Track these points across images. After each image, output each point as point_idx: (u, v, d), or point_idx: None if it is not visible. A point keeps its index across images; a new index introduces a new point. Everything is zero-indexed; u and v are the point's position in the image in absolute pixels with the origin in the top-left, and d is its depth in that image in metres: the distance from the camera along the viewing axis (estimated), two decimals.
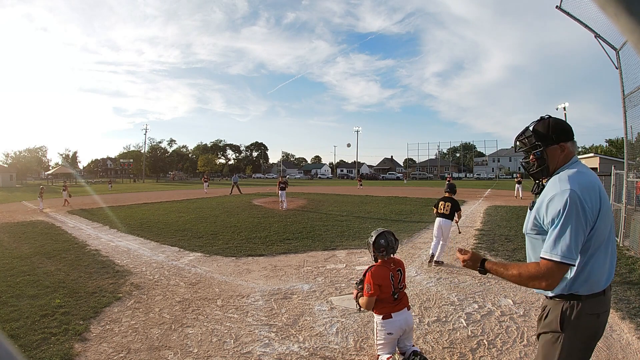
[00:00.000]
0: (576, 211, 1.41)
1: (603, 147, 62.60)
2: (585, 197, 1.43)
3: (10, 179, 47.40)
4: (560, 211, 1.43)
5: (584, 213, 1.41)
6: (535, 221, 1.56)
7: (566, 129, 1.59)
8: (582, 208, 1.41)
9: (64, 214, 13.41)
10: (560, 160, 1.58)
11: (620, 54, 7.46)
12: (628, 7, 0.35)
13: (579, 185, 1.45)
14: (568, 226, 1.40)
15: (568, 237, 1.40)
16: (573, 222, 1.40)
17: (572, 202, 1.41)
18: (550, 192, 1.51)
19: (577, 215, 1.40)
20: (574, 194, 1.42)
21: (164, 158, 70.42)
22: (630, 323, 3.50)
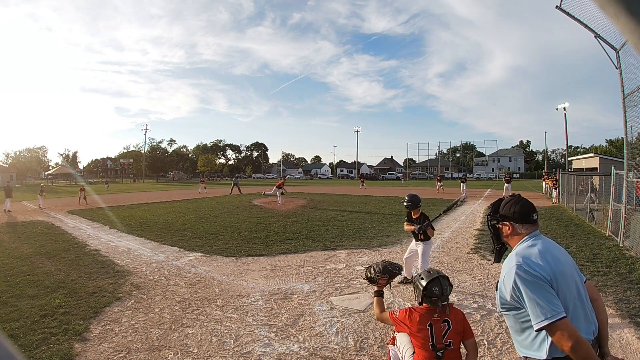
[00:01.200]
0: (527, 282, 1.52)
1: (603, 147, 62.66)
2: (529, 264, 1.55)
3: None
4: (515, 289, 1.56)
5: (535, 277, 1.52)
6: (501, 299, 1.67)
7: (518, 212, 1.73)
8: (531, 276, 1.52)
9: (64, 214, 13.41)
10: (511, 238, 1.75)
11: (620, 54, 7.47)
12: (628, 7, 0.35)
13: (523, 257, 1.59)
14: (531, 296, 1.51)
15: (537, 303, 1.49)
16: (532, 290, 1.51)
17: (519, 277, 1.54)
18: (504, 270, 1.66)
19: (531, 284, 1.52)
20: (519, 267, 1.55)
21: (164, 158, 70.41)
22: (630, 323, 3.50)
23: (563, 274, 1.58)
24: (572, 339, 1.45)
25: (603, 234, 8.23)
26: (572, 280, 1.61)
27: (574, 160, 31.48)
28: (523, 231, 1.71)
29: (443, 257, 6.32)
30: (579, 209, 12.31)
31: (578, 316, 1.56)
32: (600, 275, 5.07)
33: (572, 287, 1.59)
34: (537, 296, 1.49)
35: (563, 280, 1.56)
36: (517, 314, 1.63)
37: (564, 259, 1.64)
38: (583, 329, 1.54)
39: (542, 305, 1.48)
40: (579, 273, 1.69)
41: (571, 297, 1.57)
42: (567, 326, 1.46)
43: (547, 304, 1.48)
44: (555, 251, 1.66)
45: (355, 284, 4.86)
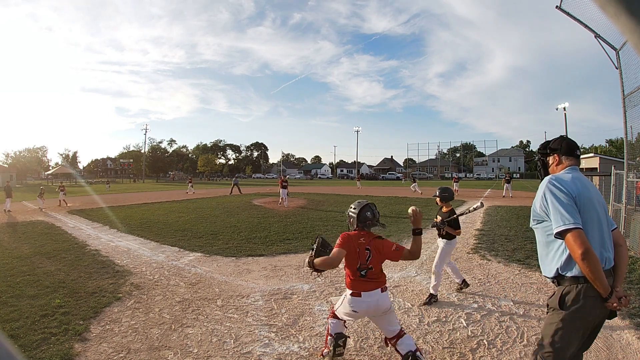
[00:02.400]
0: (554, 193, 1.76)
1: (603, 147, 62.64)
2: (560, 181, 1.79)
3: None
4: (544, 198, 1.80)
5: (562, 190, 1.75)
6: (533, 212, 1.91)
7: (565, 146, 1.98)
8: (558, 189, 1.76)
9: (64, 214, 13.41)
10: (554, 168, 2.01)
11: (620, 54, 7.46)
12: (628, 7, 0.35)
13: (556, 177, 1.85)
14: (555, 204, 1.73)
15: (558, 210, 1.71)
16: (556, 199, 1.74)
17: (548, 189, 1.79)
18: (540, 188, 1.90)
19: (557, 194, 1.75)
20: (549, 182, 1.81)
21: (164, 158, 70.40)
22: (630, 323, 3.50)
23: (589, 199, 1.76)
24: (583, 246, 1.60)
25: None
26: (595, 210, 1.78)
27: None
28: (567, 162, 1.95)
29: None
30: None
31: (594, 240, 1.70)
32: None
33: (594, 215, 1.76)
34: (561, 205, 1.70)
35: (587, 204, 1.75)
36: (544, 226, 1.84)
37: (594, 193, 1.83)
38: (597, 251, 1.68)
39: (562, 213, 1.68)
40: (607, 214, 1.86)
41: (591, 221, 1.74)
42: (581, 236, 1.63)
43: (568, 213, 1.67)
44: (588, 184, 1.85)
45: None
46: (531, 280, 4.95)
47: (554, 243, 1.78)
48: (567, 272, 1.74)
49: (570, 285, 1.73)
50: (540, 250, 1.92)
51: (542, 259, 1.93)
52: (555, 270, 1.78)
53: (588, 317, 1.72)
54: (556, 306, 1.75)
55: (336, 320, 2.84)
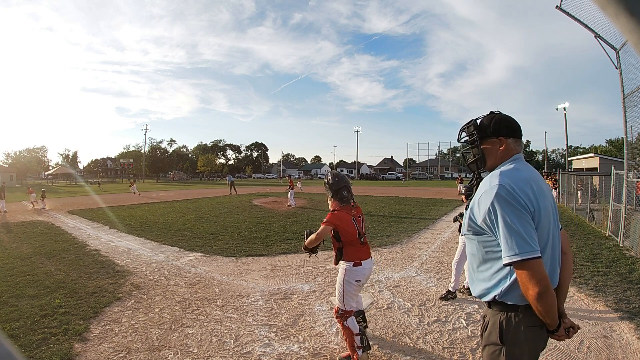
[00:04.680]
0: (508, 204, 1.30)
1: (603, 147, 62.63)
2: (515, 188, 1.32)
3: (10, 179, 47.38)
4: (491, 210, 1.33)
5: (518, 202, 1.30)
6: (470, 221, 1.45)
7: (510, 125, 1.50)
8: (514, 198, 1.30)
9: (64, 214, 13.41)
10: (499, 156, 1.50)
11: (620, 54, 7.46)
12: (628, 7, 0.35)
13: (510, 179, 1.35)
14: (508, 222, 1.28)
15: (513, 232, 1.27)
16: (510, 215, 1.29)
17: (500, 197, 1.31)
18: (482, 189, 1.42)
19: (512, 207, 1.30)
20: (501, 187, 1.32)
21: (164, 158, 70.38)
22: (631, 323, 3.50)
23: (546, 210, 1.36)
24: (541, 284, 1.25)
25: (603, 234, 8.23)
26: (549, 219, 1.39)
27: (574, 160, 31.48)
28: (515, 147, 1.47)
29: (443, 257, 6.32)
30: (579, 209, 12.31)
31: (546, 260, 1.35)
32: (600, 275, 5.07)
33: (547, 226, 1.38)
34: (517, 226, 1.27)
35: (544, 217, 1.36)
36: (484, 240, 1.41)
37: (548, 194, 1.43)
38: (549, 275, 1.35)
39: (520, 237, 1.26)
40: (555, 216, 1.47)
41: (546, 237, 1.37)
42: (540, 269, 1.27)
43: (526, 238, 1.26)
44: (541, 182, 1.44)
45: None
46: None
47: (495, 263, 1.39)
48: (508, 300, 1.38)
49: (509, 313, 1.39)
50: (472, 264, 1.47)
51: (474, 275, 1.52)
52: (492, 297, 1.42)
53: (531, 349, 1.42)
54: (496, 341, 1.41)
55: (349, 316, 2.87)
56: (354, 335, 2.81)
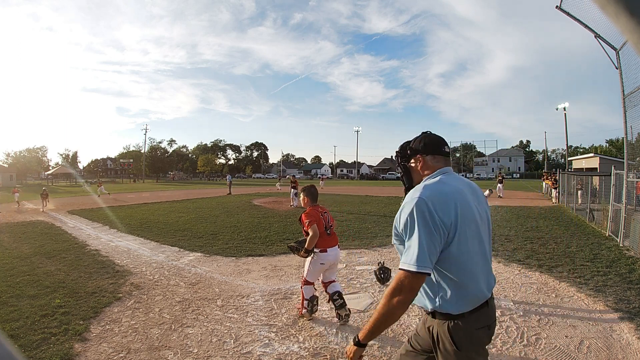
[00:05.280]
0: (423, 219, 1.36)
1: (603, 147, 62.65)
2: (435, 205, 1.38)
3: (10, 179, 47.38)
4: (408, 220, 1.40)
5: (433, 221, 1.36)
6: (395, 230, 1.52)
7: (429, 144, 1.61)
8: (430, 215, 1.36)
9: (64, 214, 13.41)
10: (420, 172, 1.61)
11: (620, 54, 7.47)
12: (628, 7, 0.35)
13: (430, 193, 1.42)
14: (417, 234, 1.36)
15: (417, 245, 1.35)
16: (422, 230, 1.36)
17: (418, 210, 1.37)
18: (406, 200, 1.49)
19: (425, 223, 1.36)
20: (421, 201, 1.39)
21: (164, 158, 70.39)
22: (631, 323, 3.50)
23: (467, 226, 1.43)
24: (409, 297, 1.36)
25: (603, 234, 8.23)
26: (478, 231, 1.47)
27: (574, 160, 31.48)
28: (434, 164, 1.58)
29: None
30: (579, 209, 12.31)
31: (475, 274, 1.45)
32: (600, 275, 5.07)
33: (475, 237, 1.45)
34: (424, 240, 1.34)
35: (469, 227, 1.43)
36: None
37: (475, 205, 1.50)
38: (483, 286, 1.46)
39: (422, 251, 1.33)
40: (489, 228, 1.57)
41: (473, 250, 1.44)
42: (418, 285, 1.37)
43: (427, 254, 1.34)
44: (467, 194, 1.50)
45: (355, 284, 4.86)
46: (531, 280, 4.95)
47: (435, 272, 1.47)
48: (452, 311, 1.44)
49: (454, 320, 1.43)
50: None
51: None
52: (432, 306, 1.48)
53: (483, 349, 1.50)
54: (452, 349, 1.43)
55: (308, 286, 3.66)
56: (304, 300, 3.66)
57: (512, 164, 79.68)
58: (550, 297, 4.29)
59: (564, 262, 5.81)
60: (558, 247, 6.90)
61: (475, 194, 1.56)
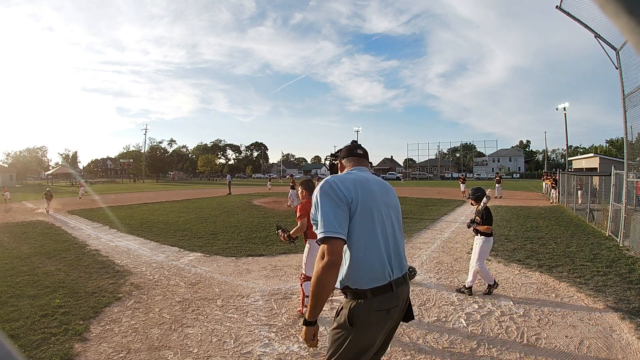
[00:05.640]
0: (327, 194, 1.57)
1: (603, 147, 62.65)
2: (337, 183, 1.61)
3: (10, 179, 47.37)
4: (316, 200, 1.59)
5: (336, 194, 1.56)
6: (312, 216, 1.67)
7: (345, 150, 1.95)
8: (332, 190, 1.57)
9: (64, 214, 13.40)
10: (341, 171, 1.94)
11: (620, 54, 7.47)
12: (628, 7, 0.35)
13: (334, 177, 1.67)
14: (324, 206, 1.54)
15: (324, 216, 1.52)
16: (327, 202, 1.55)
17: (322, 190, 1.59)
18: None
19: (329, 197, 1.56)
20: (324, 183, 1.61)
21: (164, 158, 70.37)
22: (630, 323, 3.50)
23: (367, 205, 1.60)
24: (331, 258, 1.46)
25: (603, 234, 8.23)
26: (380, 215, 1.64)
27: (574, 160, 31.49)
28: (349, 165, 1.90)
29: (443, 257, 6.32)
30: (579, 209, 12.31)
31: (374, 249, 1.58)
32: (600, 275, 5.07)
33: (377, 220, 1.62)
34: (329, 210, 1.53)
35: (368, 209, 1.60)
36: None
37: (380, 195, 1.69)
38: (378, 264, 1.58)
39: (328, 219, 1.50)
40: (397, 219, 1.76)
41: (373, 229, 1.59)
42: (337, 248, 1.48)
43: (333, 221, 1.50)
44: (373, 186, 1.69)
45: None
46: (531, 280, 4.95)
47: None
48: (351, 284, 1.57)
49: (359, 300, 1.56)
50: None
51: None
52: (339, 282, 1.60)
53: (379, 331, 1.58)
54: (345, 322, 1.57)
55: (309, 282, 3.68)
56: (305, 296, 3.74)
57: (512, 164, 79.66)
58: (550, 297, 4.29)
59: (564, 262, 5.81)
60: (558, 247, 6.90)
61: (385, 189, 1.77)
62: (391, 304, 1.58)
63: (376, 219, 1.62)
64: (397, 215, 1.77)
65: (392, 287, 1.59)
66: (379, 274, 1.57)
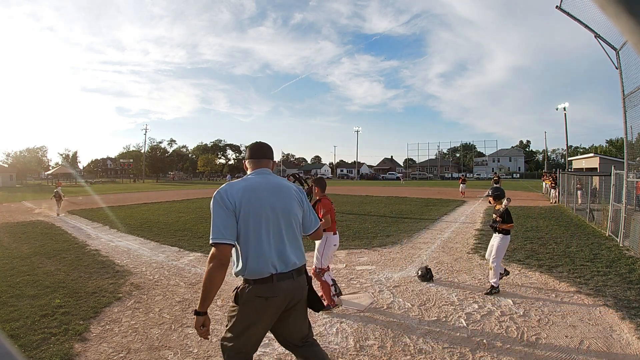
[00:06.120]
0: (217, 204, 1.83)
1: (603, 147, 62.66)
2: (226, 192, 1.86)
3: (10, 179, 47.39)
4: (211, 205, 1.86)
5: (224, 202, 1.83)
6: None
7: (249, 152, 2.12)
8: (221, 199, 1.83)
9: (64, 214, 13.40)
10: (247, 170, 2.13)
11: (620, 54, 7.47)
12: (628, 7, 0.35)
13: (226, 187, 1.90)
14: (214, 215, 1.82)
15: (213, 224, 1.80)
16: (216, 210, 1.82)
17: (214, 200, 1.85)
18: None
19: (218, 206, 1.83)
20: (216, 194, 1.86)
21: (164, 158, 70.36)
22: (630, 323, 3.50)
23: (253, 209, 1.86)
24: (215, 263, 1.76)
25: (603, 234, 8.23)
26: (266, 219, 1.88)
27: (574, 160, 31.48)
28: (250, 167, 2.10)
29: (443, 257, 6.32)
30: (579, 209, 12.31)
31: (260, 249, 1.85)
32: (600, 275, 5.07)
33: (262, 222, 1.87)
34: (217, 219, 1.81)
35: (254, 212, 1.86)
36: None
37: (269, 200, 1.92)
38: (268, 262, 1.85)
39: (215, 227, 1.79)
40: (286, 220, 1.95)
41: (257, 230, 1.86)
42: (224, 252, 1.78)
43: (220, 228, 1.78)
44: (263, 191, 1.93)
45: (355, 284, 4.86)
46: (531, 280, 4.95)
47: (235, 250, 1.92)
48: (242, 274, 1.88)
49: (246, 285, 1.88)
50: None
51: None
52: (235, 271, 1.92)
53: (261, 314, 1.87)
54: (234, 300, 1.91)
55: (324, 272, 3.96)
56: (330, 286, 3.88)
57: (512, 164, 79.65)
58: (550, 297, 4.30)
59: (564, 262, 5.81)
60: (558, 247, 6.90)
61: (276, 193, 1.97)
62: (270, 293, 1.84)
63: (262, 221, 1.87)
64: (287, 216, 1.96)
65: (273, 279, 1.85)
66: (262, 268, 1.84)
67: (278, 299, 1.86)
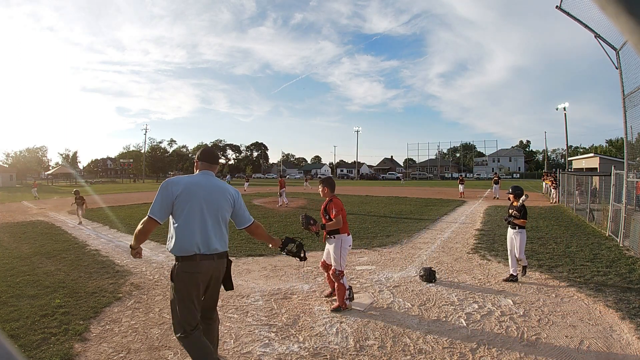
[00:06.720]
0: (161, 190, 2.39)
1: (603, 147, 62.69)
2: (171, 183, 2.41)
3: (10, 179, 47.39)
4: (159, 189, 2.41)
5: (166, 190, 2.38)
6: None
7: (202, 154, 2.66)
8: (165, 187, 2.39)
9: (64, 214, 13.41)
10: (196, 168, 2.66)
11: (620, 54, 7.47)
12: (628, 7, 0.35)
13: (173, 179, 2.46)
14: (157, 196, 2.38)
15: (155, 202, 2.36)
16: (159, 194, 2.37)
17: (161, 187, 2.40)
18: None
19: (161, 191, 2.38)
20: (164, 182, 2.44)
21: (164, 158, 70.38)
22: (630, 323, 3.50)
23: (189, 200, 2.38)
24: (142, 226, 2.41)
25: (603, 234, 8.23)
26: (200, 207, 2.40)
27: (574, 160, 31.48)
28: (200, 166, 2.60)
29: (443, 257, 6.32)
30: (579, 209, 12.31)
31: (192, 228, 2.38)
32: (600, 275, 5.07)
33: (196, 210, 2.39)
34: (157, 200, 2.36)
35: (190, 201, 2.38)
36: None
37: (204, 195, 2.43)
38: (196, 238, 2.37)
39: (155, 206, 2.36)
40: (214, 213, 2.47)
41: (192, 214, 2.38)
42: (149, 224, 2.39)
43: (156, 207, 2.36)
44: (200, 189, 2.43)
45: (355, 284, 4.86)
46: (531, 280, 4.95)
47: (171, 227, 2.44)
48: (174, 252, 2.38)
49: (176, 262, 2.39)
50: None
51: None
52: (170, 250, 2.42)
53: (190, 286, 2.34)
54: (170, 279, 2.41)
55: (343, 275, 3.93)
56: (346, 290, 3.90)
57: (512, 164, 79.65)
58: (550, 297, 4.30)
59: (564, 262, 5.81)
60: (558, 247, 6.90)
61: (214, 191, 2.48)
62: (194, 270, 2.35)
63: (195, 211, 2.38)
64: (215, 211, 2.47)
65: (197, 259, 2.36)
66: (188, 248, 2.35)
67: (201, 275, 2.36)
